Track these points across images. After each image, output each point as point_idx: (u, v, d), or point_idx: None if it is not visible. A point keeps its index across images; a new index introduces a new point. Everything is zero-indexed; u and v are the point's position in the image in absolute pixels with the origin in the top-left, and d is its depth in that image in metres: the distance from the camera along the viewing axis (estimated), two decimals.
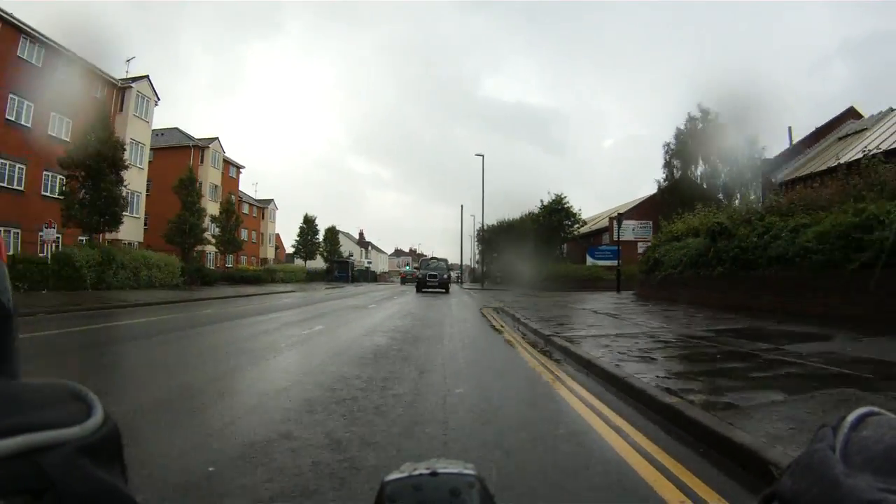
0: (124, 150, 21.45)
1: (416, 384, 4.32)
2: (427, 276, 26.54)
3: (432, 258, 31.46)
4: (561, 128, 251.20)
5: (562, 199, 32.97)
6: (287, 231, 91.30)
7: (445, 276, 26.68)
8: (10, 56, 20.68)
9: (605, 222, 32.98)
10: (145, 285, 20.76)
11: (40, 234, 18.25)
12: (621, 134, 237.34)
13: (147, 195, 30.02)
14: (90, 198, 19.36)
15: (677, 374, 4.23)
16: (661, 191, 31.92)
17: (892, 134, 16.25)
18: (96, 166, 19.24)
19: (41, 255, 18.55)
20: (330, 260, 54.11)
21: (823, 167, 16.23)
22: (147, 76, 30.88)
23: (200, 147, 40.03)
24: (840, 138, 19.78)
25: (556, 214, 32.69)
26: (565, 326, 8.03)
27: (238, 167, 45.85)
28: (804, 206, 9.84)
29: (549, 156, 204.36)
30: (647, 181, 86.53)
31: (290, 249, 62.58)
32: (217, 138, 42.01)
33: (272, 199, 55.69)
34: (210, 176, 40.01)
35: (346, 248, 67.64)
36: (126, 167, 20.91)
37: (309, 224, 49.73)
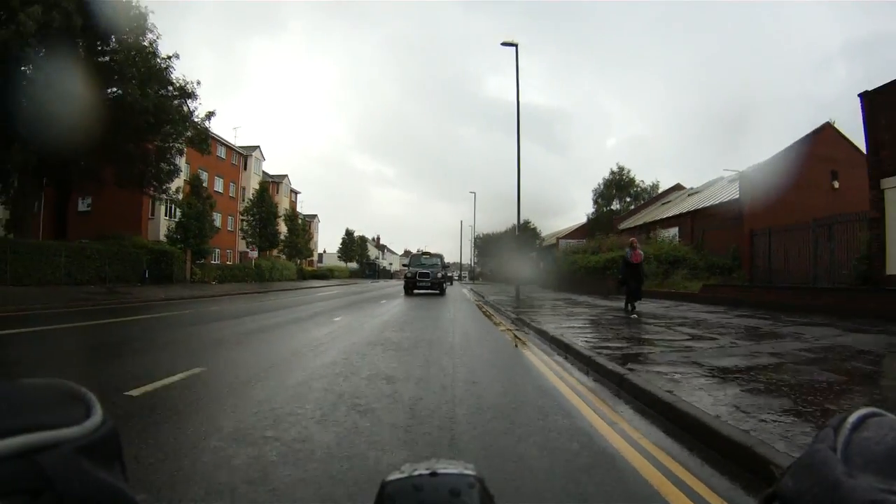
0: (277, 207, 39.09)
1: (444, 298, 21.89)
2: (417, 275, 23.22)
3: (424, 253, 27.63)
4: (564, 127, 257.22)
5: (528, 222, 50.52)
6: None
7: (440, 274, 23.58)
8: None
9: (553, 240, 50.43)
10: (283, 279, 38.26)
11: (248, 252, 35.72)
12: (624, 133, 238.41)
13: None
14: (262, 233, 36.87)
15: (494, 293, 21.74)
16: (590, 220, 49.28)
17: (671, 210, 33.16)
18: (267, 217, 36.78)
19: (244, 262, 36.19)
20: (362, 262, 71.86)
21: (632, 224, 33.51)
22: (259, 146, 48.68)
23: (276, 182, 57.65)
24: (662, 203, 36.63)
25: (524, 233, 50.31)
26: (487, 291, 25.45)
27: (297, 192, 63.58)
28: (582, 250, 27.09)
29: (551, 155, 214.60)
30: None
31: (320, 249, 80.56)
32: (287, 175, 59.68)
33: (316, 215, 73.45)
34: (283, 202, 57.66)
35: (368, 252, 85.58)
36: (280, 217, 38.51)
37: (350, 235, 67.67)
